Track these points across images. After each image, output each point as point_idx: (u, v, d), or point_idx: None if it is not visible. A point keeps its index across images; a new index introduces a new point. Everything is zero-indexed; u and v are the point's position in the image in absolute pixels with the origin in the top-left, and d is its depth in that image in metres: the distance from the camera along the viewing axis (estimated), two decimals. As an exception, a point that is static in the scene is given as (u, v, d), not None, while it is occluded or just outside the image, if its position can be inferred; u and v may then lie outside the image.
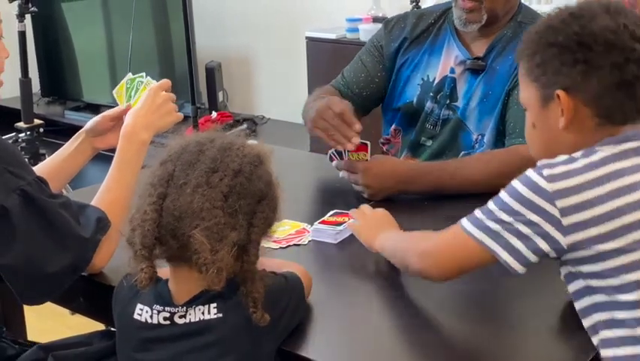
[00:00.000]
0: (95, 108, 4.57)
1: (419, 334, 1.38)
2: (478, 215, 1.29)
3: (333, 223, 1.72)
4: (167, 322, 1.27)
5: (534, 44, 1.32)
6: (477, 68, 2.08)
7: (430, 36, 2.18)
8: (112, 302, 1.37)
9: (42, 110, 4.88)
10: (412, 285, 1.53)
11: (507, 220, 1.25)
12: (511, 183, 1.27)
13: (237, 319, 1.25)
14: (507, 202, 1.26)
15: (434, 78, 2.14)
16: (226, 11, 4.77)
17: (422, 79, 2.16)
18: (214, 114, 4.44)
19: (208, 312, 1.25)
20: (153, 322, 1.28)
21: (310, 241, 1.70)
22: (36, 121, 3.73)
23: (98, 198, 1.56)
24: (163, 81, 1.72)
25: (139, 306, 1.30)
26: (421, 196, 1.91)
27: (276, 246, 1.65)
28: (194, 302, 1.26)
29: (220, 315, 1.25)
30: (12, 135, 3.73)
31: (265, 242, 1.31)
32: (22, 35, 3.65)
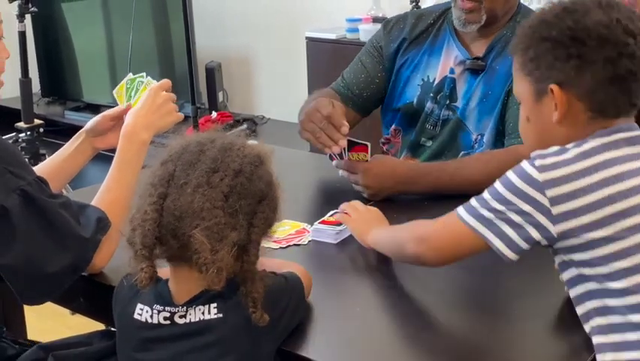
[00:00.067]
0: (95, 108, 4.57)
1: (419, 333, 1.38)
2: (474, 203, 1.32)
3: (333, 223, 1.72)
4: (167, 322, 1.27)
5: (528, 39, 1.33)
6: (477, 68, 2.09)
7: (430, 37, 2.18)
8: (112, 302, 1.37)
9: (42, 110, 4.88)
10: (412, 285, 1.53)
11: (500, 209, 1.27)
12: (505, 173, 1.29)
13: (237, 319, 1.25)
14: (500, 192, 1.28)
15: (434, 79, 2.14)
16: (226, 11, 4.77)
17: (422, 79, 2.16)
18: (214, 114, 4.43)
19: (208, 312, 1.25)
20: (153, 322, 1.28)
21: (310, 241, 1.71)
22: (36, 121, 3.73)
23: (98, 198, 1.56)
24: (163, 81, 1.72)
25: (139, 306, 1.30)
26: (421, 196, 1.91)
27: (276, 246, 1.65)
28: (194, 302, 1.26)
29: (220, 315, 1.25)
30: (12, 135, 3.73)
31: (265, 242, 1.31)
32: (22, 35, 3.66)
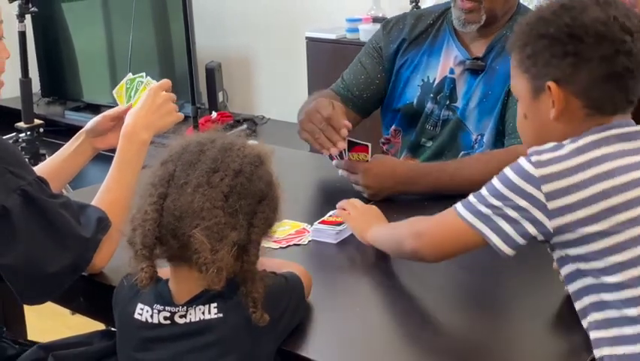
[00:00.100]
0: (95, 108, 4.57)
1: (419, 333, 1.39)
2: (471, 199, 1.32)
3: (333, 223, 1.72)
4: (167, 321, 1.28)
5: (525, 36, 1.34)
6: (476, 69, 2.08)
7: (429, 37, 2.18)
8: (112, 302, 1.37)
9: (42, 110, 4.87)
10: (412, 285, 1.53)
11: (497, 205, 1.28)
12: (503, 170, 1.30)
13: (238, 319, 1.25)
14: (498, 188, 1.28)
15: (434, 79, 2.14)
16: (226, 11, 4.77)
17: (422, 80, 2.16)
18: (214, 114, 4.43)
19: (208, 312, 1.25)
20: (154, 321, 1.28)
21: (310, 241, 1.71)
22: (36, 121, 3.73)
23: (99, 198, 1.56)
24: (163, 81, 1.72)
25: (139, 306, 1.30)
26: (421, 196, 1.91)
27: (276, 246, 1.65)
28: (194, 302, 1.27)
29: (220, 315, 1.25)
30: (12, 135, 3.73)
31: (265, 242, 1.31)
32: (22, 35, 3.65)
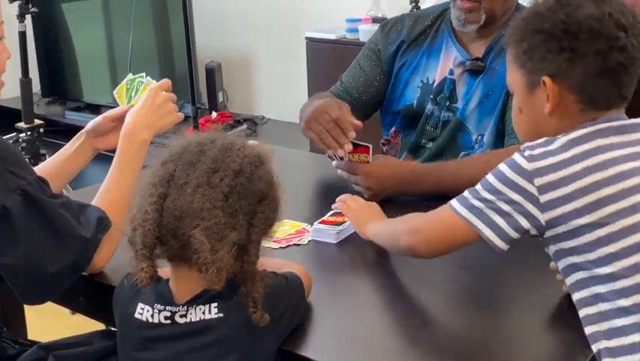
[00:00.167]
0: (95, 108, 4.58)
1: (419, 333, 1.39)
2: (465, 194, 1.34)
3: (333, 223, 1.72)
4: (168, 321, 1.28)
5: (521, 31, 1.35)
6: (476, 69, 2.08)
7: (428, 38, 2.18)
8: (113, 302, 1.37)
9: (42, 110, 4.88)
10: (412, 285, 1.53)
11: (490, 199, 1.29)
12: (498, 165, 1.31)
13: (238, 319, 1.25)
14: (491, 182, 1.30)
15: (433, 80, 2.14)
16: (226, 11, 4.77)
17: (422, 81, 2.16)
18: (214, 114, 4.43)
19: (209, 312, 1.26)
20: (154, 321, 1.28)
21: (310, 241, 1.71)
22: (36, 121, 3.74)
23: (99, 198, 1.56)
24: (163, 81, 1.73)
25: (140, 305, 1.30)
26: (421, 197, 1.91)
27: (276, 246, 1.65)
28: (194, 302, 1.27)
29: (221, 315, 1.25)
30: (12, 135, 3.73)
31: (265, 242, 1.31)
32: (22, 36, 3.66)
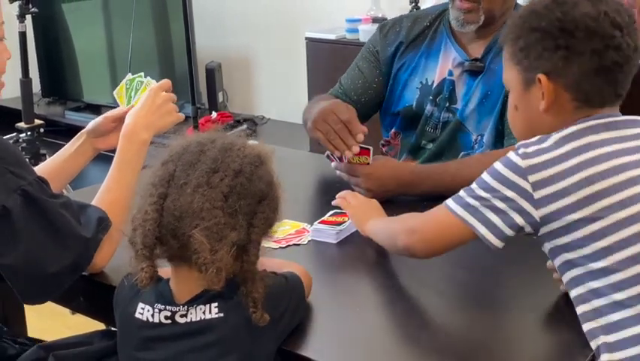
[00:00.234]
0: (96, 109, 4.58)
1: (419, 333, 1.39)
2: (461, 193, 1.35)
3: (332, 223, 1.72)
4: (168, 321, 1.28)
5: (518, 29, 1.36)
6: (475, 70, 2.08)
7: (426, 39, 2.18)
8: (113, 302, 1.37)
9: (42, 110, 4.88)
10: (412, 285, 1.54)
11: (485, 197, 1.30)
12: (493, 164, 1.31)
13: (238, 319, 1.26)
14: (486, 180, 1.30)
15: (432, 81, 2.14)
16: (226, 11, 4.77)
17: (421, 82, 2.16)
18: (214, 115, 4.43)
19: (209, 311, 1.26)
20: (154, 321, 1.28)
21: (310, 241, 1.71)
22: (36, 121, 3.74)
23: (99, 198, 1.56)
24: (163, 81, 1.73)
25: (140, 305, 1.30)
26: (421, 197, 1.91)
27: (276, 246, 1.66)
28: (195, 302, 1.27)
29: (221, 315, 1.26)
30: (13, 135, 3.73)
31: (265, 242, 1.31)
32: (22, 36, 3.66)
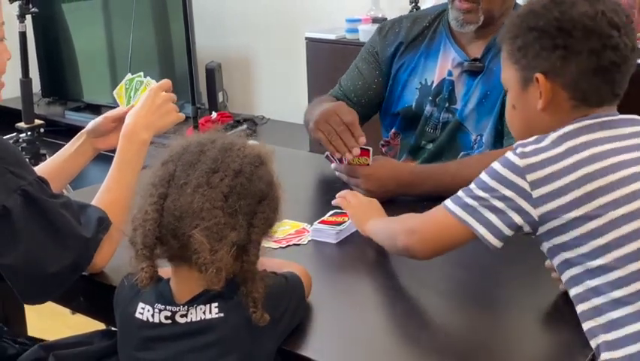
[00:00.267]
0: (96, 109, 4.58)
1: (419, 332, 1.39)
2: (460, 194, 1.35)
3: (332, 223, 1.73)
4: (168, 321, 1.28)
5: (516, 28, 1.37)
6: (475, 70, 2.09)
7: (426, 40, 2.18)
8: (113, 302, 1.37)
9: (42, 110, 4.88)
10: (412, 285, 1.54)
11: (483, 196, 1.30)
12: (491, 164, 1.32)
13: (238, 319, 1.26)
14: (485, 180, 1.31)
15: (432, 82, 2.14)
16: (226, 11, 4.77)
17: (420, 83, 2.16)
18: (214, 115, 4.43)
19: (209, 311, 1.26)
20: (155, 321, 1.29)
21: (310, 241, 1.71)
22: (37, 121, 3.74)
23: (99, 198, 1.56)
24: (163, 81, 1.73)
25: (140, 305, 1.30)
26: (421, 197, 1.91)
27: (276, 246, 1.66)
28: (195, 302, 1.27)
29: (221, 315, 1.26)
30: (13, 135, 3.73)
31: (265, 242, 1.31)
32: (22, 36, 3.66)
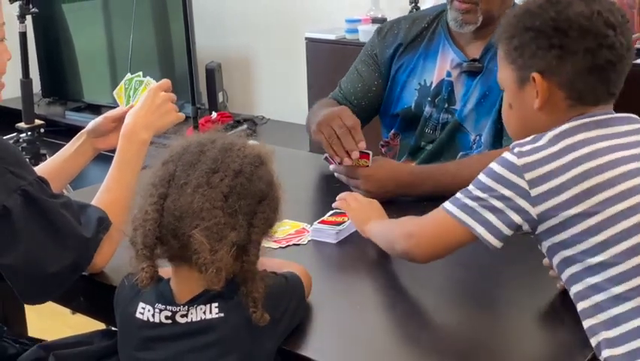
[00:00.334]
0: (96, 109, 4.58)
1: (419, 332, 1.39)
2: (458, 195, 1.35)
3: (332, 223, 1.73)
4: (168, 321, 1.28)
5: (512, 28, 1.37)
6: (474, 70, 2.09)
7: (424, 40, 2.18)
8: (113, 302, 1.37)
9: (43, 110, 4.88)
10: (412, 284, 1.54)
11: (482, 197, 1.30)
12: (489, 164, 1.32)
13: (238, 319, 1.26)
14: (483, 181, 1.31)
15: (431, 82, 2.14)
16: (226, 11, 4.77)
17: (419, 84, 2.16)
18: (214, 115, 4.44)
19: (210, 311, 1.26)
20: (155, 321, 1.29)
21: (310, 241, 1.71)
22: (37, 121, 3.74)
23: (98, 198, 1.56)
24: (163, 81, 1.73)
25: (141, 305, 1.30)
26: (421, 197, 1.91)
27: (276, 246, 1.66)
28: (195, 302, 1.27)
29: (221, 315, 1.26)
30: (13, 136, 3.73)
31: (265, 242, 1.31)
32: (23, 36, 3.66)
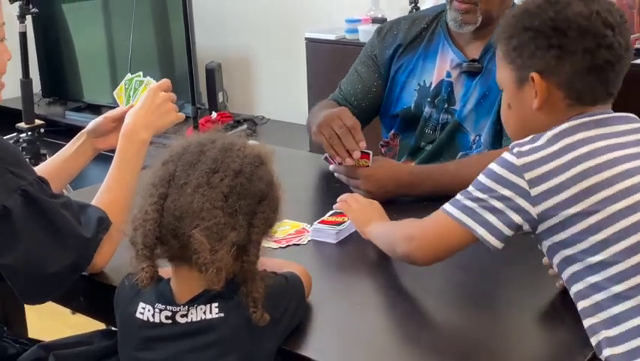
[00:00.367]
0: (96, 109, 4.58)
1: (419, 332, 1.39)
2: (458, 197, 1.35)
3: (332, 223, 1.73)
4: (168, 321, 1.28)
5: (511, 28, 1.37)
6: (473, 71, 2.09)
7: (424, 41, 2.18)
8: (114, 302, 1.37)
9: (43, 110, 4.88)
10: (412, 285, 1.54)
11: (482, 197, 1.30)
12: (489, 165, 1.32)
13: (238, 319, 1.26)
14: (482, 182, 1.31)
15: (430, 83, 2.14)
16: (226, 11, 4.77)
17: (419, 84, 2.16)
18: (214, 115, 4.44)
19: (210, 311, 1.26)
20: (155, 321, 1.29)
21: (310, 241, 1.71)
22: (37, 121, 3.74)
23: (98, 198, 1.56)
24: (163, 81, 1.73)
25: (141, 305, 1.30)
26: (421, 197, 1.91)
27: (276, 246, 1.66)
28: (195, 302, 1.27)
29: (222, 315, 1.26)
30: (13, 136, 3.73)
31: (265, 242, 1.32)
32: (23, 36, 3.66)
